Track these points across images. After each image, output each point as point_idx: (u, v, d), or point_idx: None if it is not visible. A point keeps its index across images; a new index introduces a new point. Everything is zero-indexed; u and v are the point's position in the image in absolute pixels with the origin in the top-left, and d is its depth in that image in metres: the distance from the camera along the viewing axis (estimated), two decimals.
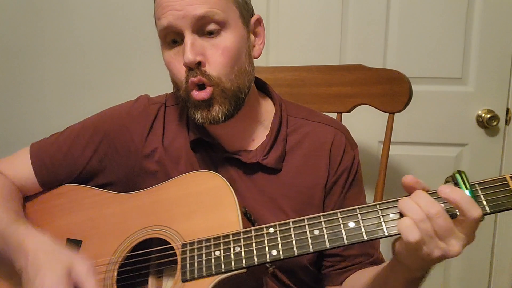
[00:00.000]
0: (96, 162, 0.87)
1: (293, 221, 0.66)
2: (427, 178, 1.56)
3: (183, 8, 0.73)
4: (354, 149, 0.87)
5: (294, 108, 0.89)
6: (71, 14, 1.52)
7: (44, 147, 0.88)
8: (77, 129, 0.89)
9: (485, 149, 1.42)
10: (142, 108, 0.88)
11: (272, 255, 0.65)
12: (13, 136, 1.60)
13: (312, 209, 0.82)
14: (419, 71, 1.39)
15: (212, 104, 0.76)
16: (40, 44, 1.56)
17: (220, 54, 0.75)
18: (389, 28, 1.40)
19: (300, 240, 0.64)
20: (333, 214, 0.64)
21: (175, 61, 0.77)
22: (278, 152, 0.83)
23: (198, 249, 0.69)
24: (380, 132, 1.21)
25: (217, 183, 0.74)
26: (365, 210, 0.63)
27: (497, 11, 1.34)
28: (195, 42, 0.74)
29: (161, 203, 0.77)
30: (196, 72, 0.74)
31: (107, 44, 1.52)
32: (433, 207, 0.58)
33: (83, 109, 0.94)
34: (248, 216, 0.73)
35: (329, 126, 0.87)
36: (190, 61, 0.73)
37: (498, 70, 1.37)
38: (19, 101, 1.61)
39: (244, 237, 0.67)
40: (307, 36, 1.42)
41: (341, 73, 1.19)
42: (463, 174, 0.61)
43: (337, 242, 0.63)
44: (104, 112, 0.91)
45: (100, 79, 1.55)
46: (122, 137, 0.86)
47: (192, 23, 0.73)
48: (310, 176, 0.83)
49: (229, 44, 0.75)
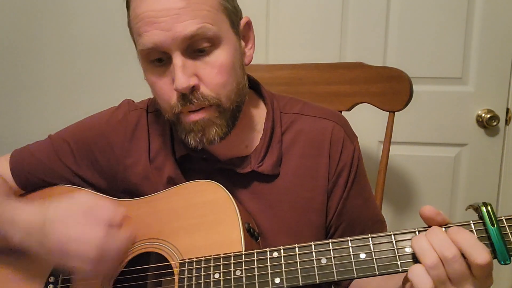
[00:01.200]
0: (76, 172, 0.83)
1: (299, 247, 0.61)
2: (427, 178, 1.55)
3: (171, 27, 0.63)
4: (353, 142, 0.81)
5: (287, 103, 0.83)
6: (70, 15, 1.52)
7: (23, 155, 0.86)
8: (57, 138, 0.85)
9: (485, 149, 1.41)
10: (122, 115, 0.82)
11: (275, 283, 0.60)
12: (12, 136, 1.60)
13: (314, 214, 0.78)
14: (419, 71, 1.38)
15: (208, 126, 0.69)
16: (39, 44, 1.55)
17: (216, 73, 0.67)
18: (389, 28, 1.39)
19: (305, 269, 0.60)
20: (343, 242, 0.59)
21: (161, 83, 0.69)
22: (274, 157, 0.77)
23: (197, 269, 0.65)
24: (380, 131, 1.20)
25: (219, 195, 0.70)
26: (378, 241, 0.58)
27: (498, 11, 1.34)
28: (186, 64, 0.65)
29: (161, 214, 0.73)
30: (191, 98, 0.66)
31: (107, 44, 1.52)
32: (449, 250, 0.52)
33: (82, 110, 0.92)
34: (251, 231, 0.69)
35: (325, 119, 0.80)
36: (183, 87, 0.65)
37: (498, 70, 1.37)
38: (18, 102, 1.60)
39: (246, 260, 0.63)
40: (306, 33, 1.41)
41: (341, 71, 1.18)
42: (489, 207, 0.55)
43: (346, 274, 0.58)
44: (84, 120, 0.86)
45: (99, 80, 1.54)
46: (101, 147, 0.82)
47: (182, 44, 0.65)
48: (309, 178, 0.78)
49: (224, 61, 0.68)
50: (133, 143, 0.81)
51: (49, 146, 0.85)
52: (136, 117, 0.82)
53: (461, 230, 0.54)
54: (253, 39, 0.78)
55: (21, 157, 0.85)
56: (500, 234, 0.54)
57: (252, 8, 1.39)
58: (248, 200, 0.77)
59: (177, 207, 0.72)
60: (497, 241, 0.54)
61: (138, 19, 0.66)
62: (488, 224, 0.54)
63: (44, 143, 0.86)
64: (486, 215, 0.55)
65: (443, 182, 1.44)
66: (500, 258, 0.54)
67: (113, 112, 0.84)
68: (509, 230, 0.54)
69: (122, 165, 0.81)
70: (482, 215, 0.55)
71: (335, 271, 0.58)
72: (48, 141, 0.86)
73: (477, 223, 0.56)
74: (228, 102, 0.70)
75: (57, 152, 0.83)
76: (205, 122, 0.68)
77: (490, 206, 0.55)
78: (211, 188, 0.72)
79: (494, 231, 0.54)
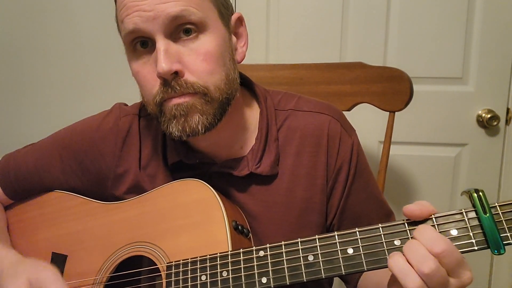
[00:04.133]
0: (65, 180, 0.81)
1: (285, 244, 0.59)
2: (427, 178, 1.56)
3: (152, 8, 0.61)
4: (351, 135, 0.78)
5: (281, 99, 0.80)
6: (72, 16, 1.52)
7: (12, 160, 0.84)
8: (46, 144, 0.83)
9: (485, 149, 1.41)
10: (113, 122, 0.79)
11: (262, 283, 0.59)
12: (13, 136, 1.60)
13: (312, 214, 0.75)
14: (419, 71, 1.38)
15: (192, 112, 0.64)
16: (40, 45, 1.55)
17: (201, 60, 0.64)
18: (390, 28, 1.39)
19: (292, 267, 0.58)
20: (330, 237, 0.57)
21: (144, 72, 0.66)
22: (272, 156, 0.74)
23: (184, 272, 0.64)
24: (380, 131, 1.20)
25: (205, 195, 0.68)
26: (365, 235, 0.56)
27: (498, 11, 1.34)
28: (169, 48, 0.62)
29: (147, 216, 0.72)
30: (174, 85, 0.63)
31: (108, 45, 1.51)
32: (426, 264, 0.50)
33: (83, 110, 0.92)
34: (239, 229, 0.67)
35: (321, 114, 0.77)
36: (165, 71, 0.61)
37: (499, 70, 1.37)
38: (20, 102, 1.60)
39: (232, 260, 0.61)
40: (307, 33, 1.41)
41: (341, 71, 1.18)
42: (482, 194, 0.52)
43: (334, 271, 0.56)
44: (74, 126, 0.83)
45: (100, 81, 1.54)
46: (92, 155, 0.79)
47: (165, 26, 0.62)
48: (306, 177, 0.75)
49: (211, 48, 0.64)
50: (124, 151, 0.78)
51: (36, 154, 0.83)
52: (127, 123, 0.79)
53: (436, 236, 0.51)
54: (245, 37, 0.75)
55: (8, 167, 0.84)
56: (493, 221, 0.51)
57: (252, 8, 1.39)
58: (246, 202, 0.75)
59: (163, 208, 0.71)
60: (490, 229, 0.51)
61: (120, 6, 0.65)
62: (480, 212, 0.52)
63: (31, 151, 0.84)
64: (478, 202, 0.52)
65: (443, 182, 1.44)
66: (493, 247, 0.51)
67: (104, 119, 0.81)
68: (503, 218, 0.51)
69: (113, 173, 0.79)
70: (474, 202, 0.53)
71: (322, 269, 0.57)
72: (36, 148, 0.84)
73: (470, 211, 0.53)
74: (217, 92, 0.66)
75: (45, 161, 0.81)
76: (188, 107, 0.64)
77: (482, 193, 0.53)
78: (197, 187, 0.70)
79: (487, 219, 0.51)
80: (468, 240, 0.52)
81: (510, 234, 0.51)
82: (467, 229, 0.53)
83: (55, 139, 0.83)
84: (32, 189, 0.83)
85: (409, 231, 0.55)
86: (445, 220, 0.54)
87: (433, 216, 0.54)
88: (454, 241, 0.52)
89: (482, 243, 0.52)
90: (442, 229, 0.54)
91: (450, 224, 0.53)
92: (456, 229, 0.53)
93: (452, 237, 0.53)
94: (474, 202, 0.53)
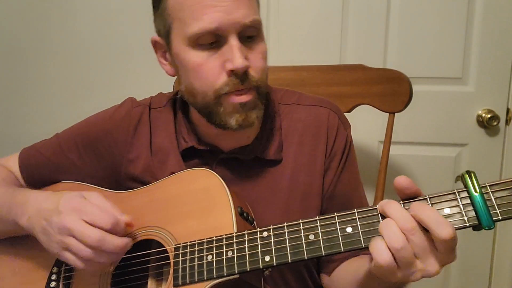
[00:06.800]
0: (81, 168, 0.87)
1: (288, 225, 0.63)
2: (427, 178, 1.56)
3: (232, 12, 0.69)
4: (347, 129, 0.85)
5: (283, 95, 0.88)
6: (75, 16, 1.52)
7: (31, 153, 0.91)
8: (63, 136, 0.90)
9: (485, 149, 1.42)
10: (125, 112, 0.86)
11: (265, 261, 0.62)
12: (17, 135, 1.61)
13: (313, 198, 0.81)
14: (419, 71, 1.39)
15: (252, 107, 0.73)
16: (43, 45, 1.56)
17: (260, 59, 0.74)
18: (390, 28, 1.40)
19: (294, 245, 0.61)
20: (330, 217, 0.61)
21: (209, 65, 0.71)
22: (276, 143, 0.81)
23: (191, 252, 0.67)
24: (381, 131, 1.21)
25: (212, 182, 0.73)
26: (364, 214, 0.59)
27: (498, 11, 1.34)
28: (241, 46, 0.71)
29: (157, 203, 0.76)
30: (243, 79, 0.71)
31: (110, 45, 1.52)
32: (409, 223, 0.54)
33: (86, 109, 0.94)
34: (244, 215, 0.71)
35: (320, 106, 0.85)
36: (242, 66, 0.69)
37: (499, 70, 1.37)
38: (23, 102, 1.62)
39: (237, 241, 0.65)
40: (307, 35, 1.42)
41: (341, 73, 1.19)
42: (473, 174, 0.56)
43: (333, 249, 0.59)
44: (89, 118, 0.90)
45: (103, 81, 1.55)
46: (106, 143, 0.85)
47: (241, 29, 0.70)
48: (308, 164, 0.81)
49: (265, 49, 0.75)
50: (136, 138, 0.84)
51: (55, 143, 0.89)
52: (139, 113, 0.86)
53: (423, 206, 0.55)
54: None
55: (29, 155, 0.90)
56: (483, 200, 0.54)
57: None
58: (250, 188, 0.80)
59: (172, 195, 0.75)
60: (480, 207, 0.54)
61: (192, 3, 0.69)
62: (471, 191, 0.55)
63: (50, 141, 0.90)
64: (469, 182, 0.55)
65: (443, 182, 1.44)
66: (484, 223, 0.55)
67: (117, 109, 0.88)
68: (492, 196, 0.55)
69: (126, 159, 0.84)
70: (465, 183, 0.56)
71: (322, 246, 0.60)
72: (54, 139, 0.90)
73: (462, 191, 0.56)
74: (265, 87, 0.76)
75: (63, 149, 0.87)
76: (251, 104, 0.73)
77: (473, 173, 0.56)
78: (204, 175, 0.74)
79: (477, 198, 0.54)
80: (460, 218, 0.55)
81: (499, 211, 0.54)
82: (459, 207, 0.56)
83: (72, 131, 0.89)
84: (50, 176, 0.89)
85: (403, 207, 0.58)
86: (439, 199, 0.57)
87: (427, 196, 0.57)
88: (448, 219, 0.55)
89: (473, 220, 0.55)
90: (436, 208, 0.56)
91: (443, 203, 0.56)
92: (449, 208, 0.56)
93: (446, 215, 0.56)
94: (465, 182, 0.56)
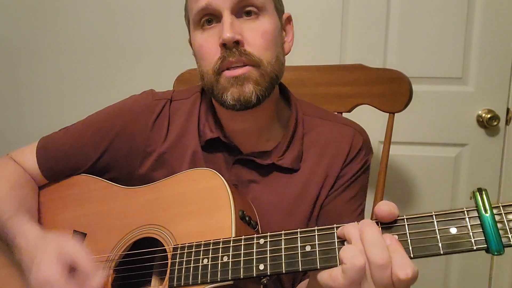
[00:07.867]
0: (98, 160, 0.87)
1: (285, 233, 0.60)
2: (427, 178, 1.55)
3: None
4: (368, 154, 0.85)
5: (309, 108, 0.87)
6: (75, 15, 1.52)
7: (50, 142, 0.89)
8: (81, 127, 0.89)
9: (485, 149, 1.42)
10: (145, 105, 0.86)
11: (259, 269, 0.60)
12: (15, 134, 1.61)
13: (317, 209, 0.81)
14: (419, 71, 1.39)
15: (247, 81, 0.71)
16: (43, 43, 1.56)
17: (260, 37, 0.73)
18: (389, 28, 1.39)
19: (289, 255, 0.59)
20: (328, 228, 0.58)
21: (208, 44, 0.73)
22: (295, 152, 0.80)
23: (188, 254, 0.67)
24: (381, 132, 1.21)
25: (215, 183, 0.72)
26: None
27: (498, 10, 1.34)
28: (234, 22, 0.71)
29: (161, 201, 0.76)
30: (235, 52, 0.70)
31: (110, 43, 1.52)
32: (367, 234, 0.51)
33: (86, 108, 0.94)
34: (246, 219, 0.70)
35: (347, 126, 0.85)
36: (229, 38, 0.69)
37: (499, 70, 1.37)
38: (23, 100, 1.61)
39: (234, 245, 0.63)
40: (307, 35, 1.41)
41: (341, 73, 1.18)
42: (484, 192, 0.51)
43: (329, 262, 0.56)
44: (107, 109, 0.89)
45: (103, 79, 1.55)
46: (124, 135, 0.85)
47: (233, 4, 0.71)
48: (322, 177, 0.80)
49: (268, 28, 0.74)
50: (153, 131, 0.84)
51: (73, 135, 0.88)
52: (160, 106, 0.85)
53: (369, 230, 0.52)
54: (292, 34, 0.84)
55: (46, 148, 0.89)
56: (494, 221, 0.49)
57: None
58: (263, 192, 0.80)
59: (176, 194, 0.75)
60: (490, 229, 0.50)
61: None
62: (481, 211, 0.50)
63: (67, 133, 0.90)
64: (479, 201, 0.51)
65: (443, 182, 1.45)
66: (493, 247, 0.50)
67: (136, 101, 0.87)
68: (505, 218, 0.49)
69: (142, 153, 0.84)
70: (476, 201, 0.51)
71: (318, 258, 0.56)
72: (71, 131, 0.89)
73: (471, 210, 0.52)
74: (269, 66, 0.73)
75: (81, 141, 0.87)
76: (245, 77, 0.71)
77: (485, 192, 0.51)
78: (208, 176, 0.74)
79: (487, 218, 0.50)
80: (467, 239, 0.51)
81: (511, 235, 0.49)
82: (466, 227, 0.52)
83: (89, 122, 0.89)
84: (67, 169, 0.88)
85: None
86: (445, 217, 0.53)
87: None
88: (453, 240, 0.51)
89: (481, 243, 0.51)
90: (441, 226, 0.53)
91: (449, 221, 0.52)
92: (455, 227, 0.52)
93: (451, 235, 0.52)
94: (476, 201, 0.51)
